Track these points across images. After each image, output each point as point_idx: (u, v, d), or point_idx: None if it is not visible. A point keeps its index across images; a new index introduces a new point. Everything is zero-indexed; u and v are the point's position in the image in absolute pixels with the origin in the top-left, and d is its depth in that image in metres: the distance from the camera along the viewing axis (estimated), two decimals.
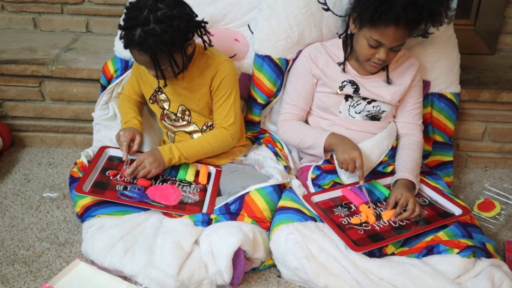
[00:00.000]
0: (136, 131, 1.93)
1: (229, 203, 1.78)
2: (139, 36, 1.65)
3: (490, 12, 2.56)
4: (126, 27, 1.68)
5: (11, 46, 2.44)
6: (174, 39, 1.68)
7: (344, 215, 1.76)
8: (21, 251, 1.79)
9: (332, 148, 1.88)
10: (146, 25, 1.64)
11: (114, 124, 2.12)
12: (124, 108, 2.04)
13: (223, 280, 1.58)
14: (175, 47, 1.71)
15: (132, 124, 1.95)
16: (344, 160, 1.80)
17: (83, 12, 2.60)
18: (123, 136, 1.89)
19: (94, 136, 2.16)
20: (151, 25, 1.64)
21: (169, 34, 1.66)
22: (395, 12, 1.67)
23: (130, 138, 1.89)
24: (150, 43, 1.65)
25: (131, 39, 1.67)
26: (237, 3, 2.11)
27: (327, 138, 1.88)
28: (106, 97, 2.13)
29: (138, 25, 1.65)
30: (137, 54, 1.72)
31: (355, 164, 1.79)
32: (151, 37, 1.64)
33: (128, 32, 1.68)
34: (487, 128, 2.34)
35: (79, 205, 1.79)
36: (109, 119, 2.14)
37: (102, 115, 2.14)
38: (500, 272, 1.57)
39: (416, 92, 1.99)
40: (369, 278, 1.57)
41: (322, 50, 1.97)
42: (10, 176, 2.20)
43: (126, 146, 1.88)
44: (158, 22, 1.64)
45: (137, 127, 1.95)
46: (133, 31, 1.65)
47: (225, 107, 1.92)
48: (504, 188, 2.21)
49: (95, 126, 2.16)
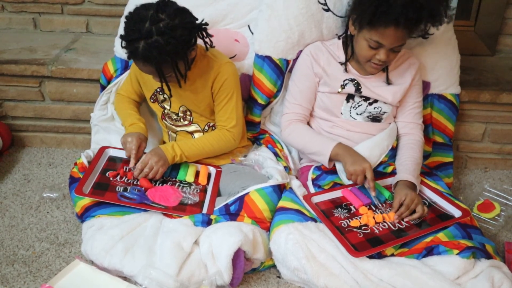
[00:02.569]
0: (143, 138, 1.90)
1: (229, 204, 1.78)
2: (143, 48, 1.64)
3: (490, 13, 2.56)
4: (129, 40, 1.67)
5: (11, 46, 2.44)
6: (177, 49, 1.68)
7: (344, 217, 1.76)
8: (21, 251, 1.79)
9: (338, 158, 1.87)
10: (149, 37, 1.63)
11: (113, 127, 2.12)
12: (125, 109, 2.02)
13: (222, 281, 1.59)
14: (179, 56, 1.71)
15: (139, 128, 1.92)
16: (355, 171, 1.80)
17: (83, 12, 2.60)
18: (131, 143, 1.86)
19: (93, 137, 2.16)
20: (154, 37, 1.63)
21: (173, 45, 1.65)
22: (394, 12, 1.66)
23: (137, 145, 1.86)
24: (154, 55, 1.64)
25: (134, 51, 1.66)
26: (237, 4, 2.11)
27: (334, 148, 1.87)
28: (106, 97, 2.13)
29: (141, 38, 1.64)
30: (141, 65, 1.72)
31: (365, 176, 1.79)
32: (155, 49, 1.63)
33: (130, 44, 1.67)
34: (487, 129, 2.34)
35: (79, 206, 1.79)
36: (107, 120, 2.13)
37: (100, 115, 2.13)
38: (500, 273, 1.57)
39: (416, 91, 1.99)
40: (368, 278, 1.57)
41: (323, 49, 1.97)
42: (10, 176, 2.20)
43: (135, 155, 1.86)
44: (161, 34, 1.63)
45: (144, 132, 1.92)
46: (136, 43, 1.64)
47: (227, 109, 1.92)
48: (503, 189, 2.21)
49: (93, 128, 2.16)
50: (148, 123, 2.13)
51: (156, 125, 2.17)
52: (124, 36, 1.69)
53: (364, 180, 1.81)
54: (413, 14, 1.68)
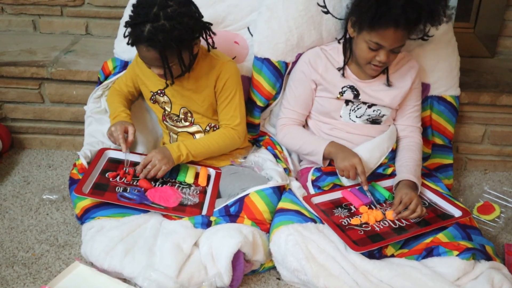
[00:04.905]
0: (127, 123, 1.90)
1: (229, 205, 1.78)
2: (149, 31, 1.65)
3: (490, 15, 2.56)
4: (135, 23, 1.68)
5: (11, 48, 2.45)
6: (183, 36, 1.68)
7: (344, 216, 1.76)
8: (21, 253, 1.79)
9: (331, 156, 1.89)
10: (156, 21, 1.65)
11: (106, 118, 2.10)
12: (113, 102, 2.01)
13: (222, 282, 1.58)
14: (184, 45, 1.72)
15: (121, 118, 1.92)
16: (345, 167, 1.81)
17: (82, 14, 2.60)
18: (116, 131, 1.87)
19: (86, 129, 2.14)
20: (161, 21, 1.65)
21: (179, 31, 1.66)
22: (394, 13, 1.67)
23: (123, 130, 1.87)
24: (159, 39, 1.65)
25: (140, 34, 1.67)
26: (237, 6, 2.11)
27: (327, 146, 1.89)
28: (100, 91, 2.13)
29: (147, 21, 1.65)
30: (145, 51, 1.71)
31: (356, 170, 1.80)
32: (161, 33, 1.64)
33: (136, 28, 1.67)
34: (486, 131, 2.34)
35: (78, 207, 1.79)
36: (101, 112, 2.12)
37: (94, 108, 2.13)
38: (500, 275, 1.57)
39: (416, 95, 2.00)
40: (368, 279, 1.57)
41: (322, 55, 1.97)
42: (10, 178, 2.20)
43: (122, 138, 1.85)
44: (168, 19, 1.65)
45: (127, 119, 1.92)
46: (142, 27, 1.66)
47: (230, 108, 1.93)
48: (503, 191, 2.20)
49: (87, 119, 2.14)
50: (143, 124, 2.13)
51: (152, 125, 2.17)
52: (130, 20, 1.69)
53: (356, 176, 1.81)
54: (413, 15, 1.69)
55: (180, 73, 1.82)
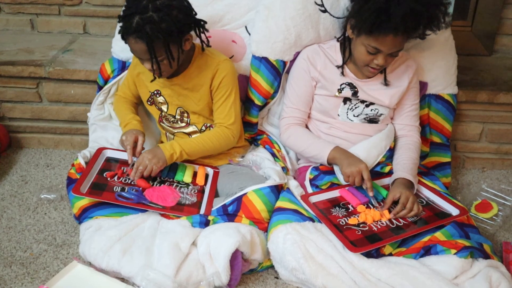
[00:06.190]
0: (138, 132, 1.91)
1: (227, 204, 1.78)
2: (137, 23, 1.66)
3: (487, 13, 2.56)
4: (125, 16, 1.69)
5: (9, 47, 2.44)
6: (171, 28, 1.69)
7: (342, 216, 1.76)
8: (19, 252, 1.79)
9: (335, 162, 1.88)
10: (144, 13, 1.66)
11: (110, 124, 2.12)
12: (122, 110, 2.03)
13: (220, 282, 1.58)
14: (172, 38, 1.72)
15: (132, 125, 1.94)
16: (351, 173, 1.80)
17: (80, 13, 2.60)
18: (126, 140, 1.88)
19: (90, 136, 2.16)
20: (149, 13, 1.66)
21: (167, 23, 1.67)
22: (394, 22, 1.67)
23: (133, 140, 1.88)
24: (147, 30, 1.66)
25: (128, 26, 1.68)
26: (235, 5, 2.11)
27: (331, 151, 1.88)
28: (102, 97, 2.14)
29: (136, 13, 1.66)
30: (133, 43, 1.72)
31: (362, 176, 1.80)
32: (148, 24, 1.65)
33: (126, 20, 1.69)
34: (484, 129, 2.35)
35: (76, 207, 1.79)
36: (105, 119, 2.14)
37: (97, 115, 2.14)
38: (498, 273, 1.58)
39: (413, 94, 2.00)
40: (366, 278, 1.57)
41: (320, 52, 1.97)
42: (8, 178, 2.20)
43: (130, 150, 1.87)
44: (157, 11, 1.66)
45: (138, 128, 1.94)
46: (131, 19, 1.67)
47: (225, 107, 1.92)
48: (501, 189, 2.21)
49: (91, 127, 2.16)
50: (145, 125, 2.14)
51: (153, 126, 2.18)
52: (122, 14, 1.71)
53: (362, 182, 1.81)
54: (412, 23, 1.70)
55: (172, 70, 1.82)
